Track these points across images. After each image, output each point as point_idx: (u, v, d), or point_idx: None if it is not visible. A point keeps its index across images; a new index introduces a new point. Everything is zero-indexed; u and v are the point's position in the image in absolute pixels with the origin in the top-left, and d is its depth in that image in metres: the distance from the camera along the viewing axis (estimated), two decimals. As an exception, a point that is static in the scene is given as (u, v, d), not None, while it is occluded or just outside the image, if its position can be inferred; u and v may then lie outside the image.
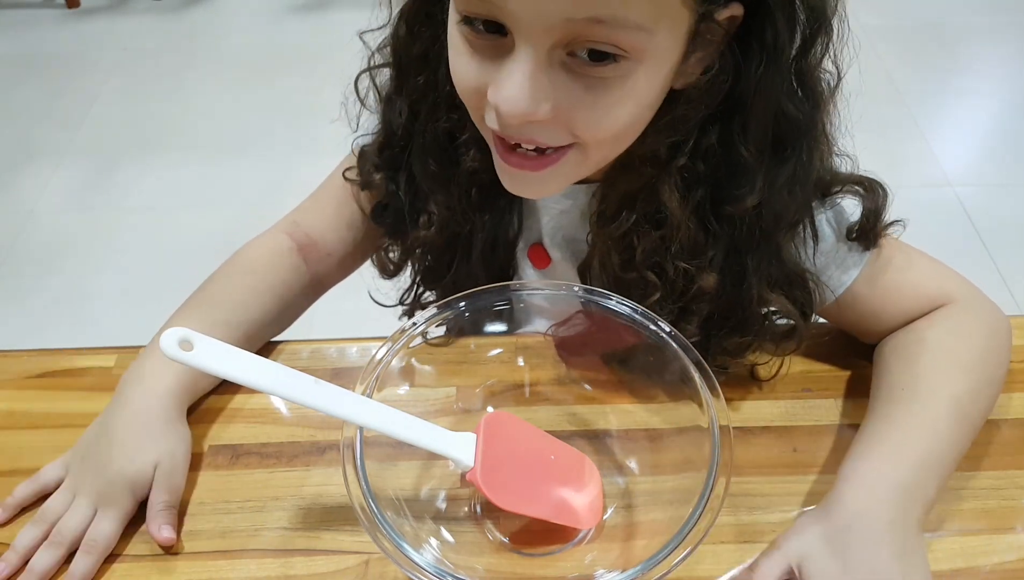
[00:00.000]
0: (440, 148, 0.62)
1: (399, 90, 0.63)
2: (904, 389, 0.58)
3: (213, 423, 0.64)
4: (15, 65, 2.46)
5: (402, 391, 0.56)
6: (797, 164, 0.55)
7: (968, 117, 2.26)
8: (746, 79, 0.51)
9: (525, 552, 0.54)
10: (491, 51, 0.48)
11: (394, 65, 0.62)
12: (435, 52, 0.57)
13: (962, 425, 0.56)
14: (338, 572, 0.55)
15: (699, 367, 0.52)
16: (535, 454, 0.56)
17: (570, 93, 0.48)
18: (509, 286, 0.58)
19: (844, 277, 0.63)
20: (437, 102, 0.60)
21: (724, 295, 0.60)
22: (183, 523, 0.57)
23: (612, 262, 0.61)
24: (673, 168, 0.56)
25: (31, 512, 0.57)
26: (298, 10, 2.63)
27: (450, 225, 0.65)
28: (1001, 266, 1.79)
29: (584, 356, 0.61)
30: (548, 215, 0.67)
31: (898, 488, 0.52)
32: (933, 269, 0.65)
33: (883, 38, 2.46)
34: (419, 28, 0.58)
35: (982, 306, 0.64)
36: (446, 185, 0.63)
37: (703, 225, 0.58)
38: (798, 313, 0.61)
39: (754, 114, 0.52)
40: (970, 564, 0.55)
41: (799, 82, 0.52)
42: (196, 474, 0.60)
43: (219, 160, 2.08)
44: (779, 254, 0.59)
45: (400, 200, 0.67)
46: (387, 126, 0.65)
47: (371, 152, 0.67)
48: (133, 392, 0.59)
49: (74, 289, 1.77)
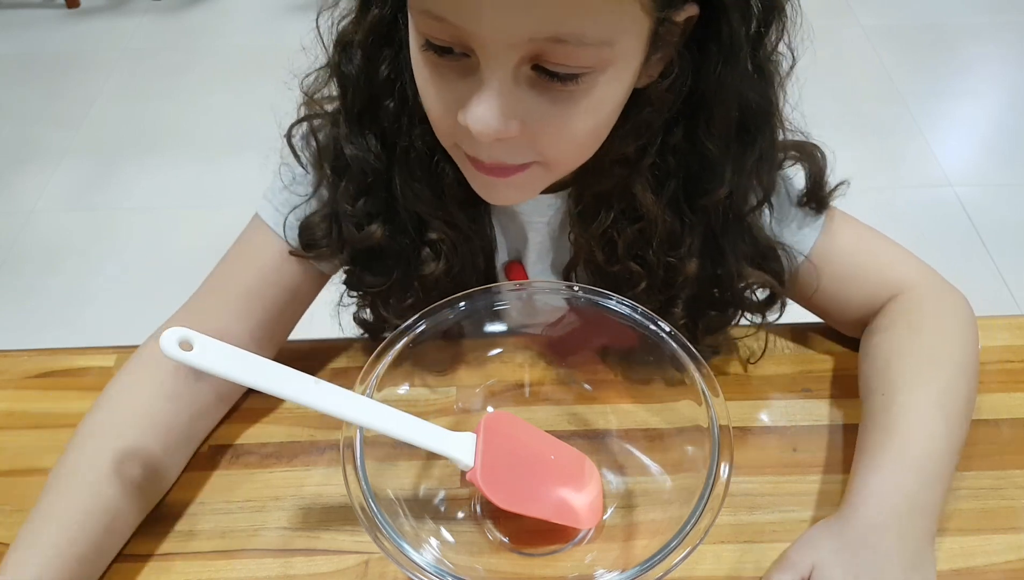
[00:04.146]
0: (424, 168, 0.60)
1: (359, 124, 0.59)
2: (884, 394, 0.58)
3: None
4: (15, 65, 2.46)
5: (402, 391, 0.56)
6: (762, 147, 0.57)
7: (968, 117, 2.26)
8: (706, 76, 0.51)
9: (525, 552, 0.54)
10: (457, 71, 0.48)
11: (354, 98, 0.58)
12: (398, 71, 0.56)
13: (949, 419, 0.56)
14: (338, 572, 0.55)
15: (699, 367, 0.52)
16: (535, 454, 0.56)
17: (537, 108, 0.48)
18: (509, 286, 0.58)
19: (802, 242, 0.64)
20: (411, 119, 0.58)
21: (706, 277, 0.62)
22: (183, 523, 0.57)
23: (596, 258, 0.62)
24: (643, 167, 0.57)
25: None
26: (298, 10, 2.63)
27: (458, 247, 0.63)
28: (1001, 266, 1.79)
29: (578, 354, 0.61)
30: (532, 230, 0.67)
31: (907, 499, 0.52)
32: (892, 251, 0.67)
33: (883, 38, 2.47)
34: (381, 52, 0.56)
35: (941, 291, 0.65)
36: (441, 205, 0.61)
37: (679, 217, 0.59)
38: (775, 282, 0.63)
39: (718, 109, 0.53)
40: (970, 564, 0.55)
41: (756, 69, 0.53)
42: (196, 474, 0.60)
43: (219, 160, 2.08)
44: (751, 232, 0.61)
45: (401, 241, 0.63)
46: (360, 168, 0.60)
47: (346, 199, 0.61)
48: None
49: (74, 289, 1.77)
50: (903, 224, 0.66)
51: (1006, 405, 0.64)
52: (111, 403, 0.59)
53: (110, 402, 0.59)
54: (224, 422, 0.64)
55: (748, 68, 0.52)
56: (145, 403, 0.58)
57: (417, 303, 0.63)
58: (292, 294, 0.66)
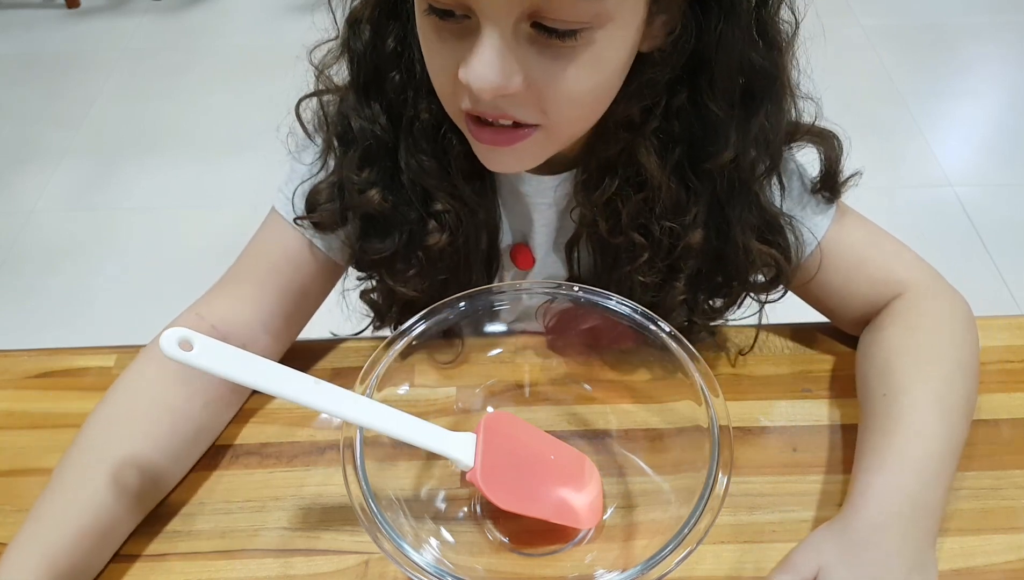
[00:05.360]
0: (430, 139, 0.61)
1: (367, 96, 0.61)
2: (885, 395, 0.58)
3: (213, 423, 0.63)
4: (15, 65, 2.46)
5: (402, 391, 0.56)
6: (767, 113, 0.57)
7: (968, 117, 2.26)
8: (707, 36, 0.52)
9: (525, 552, 0.54)
10: (458, 34, 0.49)
11: (361, 71, 0.60)
12: (406, 44, 0.58)
13: (948, 419, 0.56)
14: (338, 572, 0.55)
15: (699, 367, 0.52)
16: (535, 454, 0.56)
17: (538, 64, 0.49)
18: (508, 286, 0.58)
19: (815, 228, 0.64)
20: (418, 91, 0.59)
21: (710, 250, 0.62)
22: (183, 523, 0.57)
23: (600, 229, 0.62)
24: (647, 131, 0.57)
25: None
26: (298, 10, 2.63)
27: (463, 220, 0.64)
28: (1001, 266, 1.79)
29: (578, 354, 0.61)
30: (537, 212, 0.67)
31: (909, 499, 0.52)
32: (897, 250, 0.67)
33: (883, 38, 2.47)
34: (387, 25, 0.58)
35: (942, 292, 0.65)
36: (446, 176, 0.62)
37: (684, 183, 0.59)
38: (781, 257, 0.63)
39: (719, 70, 0.54)
40: (970, 564, 0.55)
41: (760, 33, 0.54)
42: (196, 474, 0.60)
43: (219, 160, 2.08)
44: (758, 201, 0.61)
45: (405, 212, 0.63)
46: (365, 138, 0.61)
47: (351, 169, 0.62)
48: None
49: (74, 289, 1.77)
50: (903, 224, 0.66)
51: (1006, 405, 0.64)
52: (119, 395, 0.59)
53: (118, 393, 0.59)
54: (224, 422, 0.64)
55: (751, 30, 0.53)
56: (158, 390, 0.59)
57: (421, 272, 0.64)
58: (305, 286, 0.67)
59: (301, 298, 0.67)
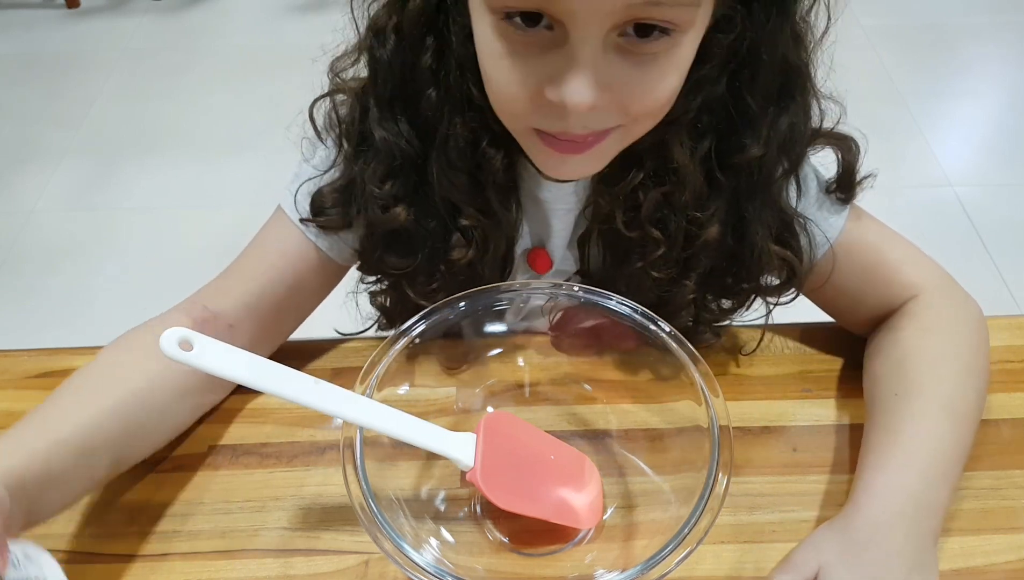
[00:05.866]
0: (464, 155, 0.58)
1: (391, 110, 0.58)
2: (897, 395, 0.58)
3: (213, 423, 0.64)
4: (15, 65, 2.46)
5: (402, 391, 0.56)
6: (797, 111, 0.57)
7: (968, 117, 2.26)
8: (755, 30, 0.52)
9: (525, 552, 0.54)
10: (538, 47, 0.47)
11: (387, 84, 0.57)
12: (443, 60, 0.56)
13: (957, 421, 0.56)
14: (338, 572, 0.55)
15: (699, 367, 0.52)
16: (535, 454, 0.56)
17: (624, 73, 0.48)
18: (509, 286, 0.58)
19: (829, 230, 0.64)
20: (454, 107, 0.57)
21: (725, 248, 0.61)
22: (183, 523, 0.57)
23: (616, 222, 0.61)
24: (684, 122, 0.56)
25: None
26: (298, 10, 2.63)
27: (488, 234, 0.62)
28: (1001, 266, 1.79)
29: (578, 354, 0.61)
30: (556, 217, 0.66)
31: (912, 499, 0.52)
32: (911, 253, 0.66)
33: (883, 38, 2.46)
34: (423, 41, 0.55)
35: (954, 295, 0.65)
36: (480, 191, 0.60)
37: (709, 176, 0.59)
38: (795, 259, 0.62)
39: (763, 66, 0.54)
40: (970, 564, 0.55)
41: (792, 32, 0.54)
42: (196, 474, 0.60)
43: (219, 160, 2.08)
44: (776, 201, 0.61)
45: (428, 225, 0.62)
46: (389, 152, 0.59)
47: (373, 181, 0.61)
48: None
49: (74, 289, 1.77)
50: (903, 224, 0.66)
51: (1006, 405, 0.64)
52: (105, 355, 0.60)
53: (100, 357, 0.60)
54: (224, 422, 0.64)
55: (793, 27, 0.53)
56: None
57: (443, 286, 0.63)
58: (301, 279, 0.66)
59: (295, 290, 0.66)
